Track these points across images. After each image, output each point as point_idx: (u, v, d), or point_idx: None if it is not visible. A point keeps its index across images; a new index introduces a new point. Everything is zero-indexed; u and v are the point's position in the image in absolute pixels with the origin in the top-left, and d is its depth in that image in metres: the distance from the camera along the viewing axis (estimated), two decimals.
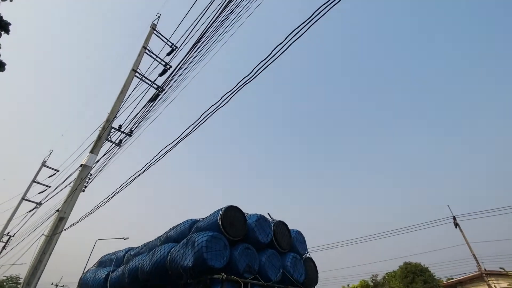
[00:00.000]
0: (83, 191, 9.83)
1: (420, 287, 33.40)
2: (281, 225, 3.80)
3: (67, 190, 9.76)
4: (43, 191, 23.44)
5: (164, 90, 8.86)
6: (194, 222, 3.81)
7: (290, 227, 4.05)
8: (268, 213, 3.95)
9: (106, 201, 5.02)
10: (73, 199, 9.32)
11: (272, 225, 3.71)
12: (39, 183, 23.83)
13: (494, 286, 25.25)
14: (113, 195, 4.61)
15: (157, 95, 8.93)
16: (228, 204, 3.45)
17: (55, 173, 24.27)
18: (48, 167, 24.97)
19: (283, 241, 3.67)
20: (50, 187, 23.30)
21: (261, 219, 3.57)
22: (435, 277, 35.86)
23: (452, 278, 30.26)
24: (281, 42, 1.98)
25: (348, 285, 36.94)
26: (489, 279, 24.91)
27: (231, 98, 2.23)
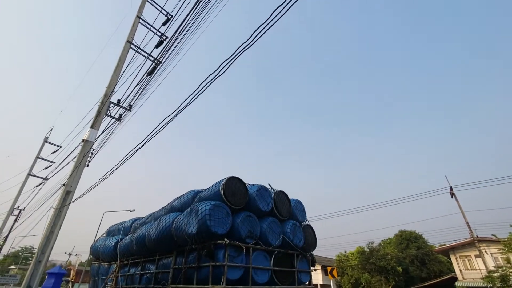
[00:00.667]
0: (87, 165, 10.00)
1: (414, 252, 35.22)
2: (281, 194, 3.90)
3: (71, 165, 9.93)
4: (48, 167, 23.88)
5: (161, 62, 8.61)
6: (197, 192, 3.92)
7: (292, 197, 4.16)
8: (269, 184, 4.03)
9: (110, 174, 5.12)
10: (78, 174, 9.51)
11: (273, 194, 3.80)
12: (43, 159, 24.19)
13: (485, 251, 26.58)
14: (116, 168, 4.69)
15: (154, 68, 8.70)
16: (230, 175, 3.51)
17: (58, 149, 24.53)
18: (50, 143, 25.18)
19: (283, 209, 3.79)
20: (54, 162, 23.67)
21: (261, 189, 3.66)
22: (428, 244, 37.66)
23: (444, 245, 31.80)
24: (281, 3, 1.86)
25: (345, 251, 38.94)
26: (480, 245, 26.15)
27: (229, 65, 2.16)
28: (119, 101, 10.56)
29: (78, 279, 28.73)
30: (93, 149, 10.08)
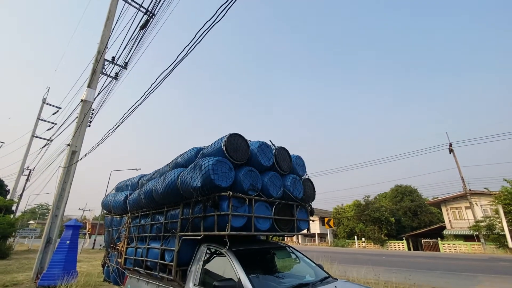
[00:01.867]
0: (89, 125, 10.07)
1: (407, 204, 37.19)
2: (282, 150, 3.96)
3: (73, 126, 10.00)
4: (50, 128, 24.04)
5: (154, 14, 8.02)
6: (199, 149, 3.99)
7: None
8: (270, 140, 4.07)
9: (112, 131, 5.17)
10: (81, 134, 9.64)
11: (274, 150, 3.86)
12: (44, 120, 24.22)
13: (475, 203, 28.00)
14: (117, 126, 4.71)
15: (147, 21, 8.13)
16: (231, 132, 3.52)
17: (57, 111, 24.40)
18: (49, 104, 24.91)
19: (283, 164, 3.89)
20: (56, 124, 23.75)
21: (263, 145, 3.71)
22: (422, 197, 39.52)
23: (437, 198, 33.41)
24: None
25: (342, 204, 41.28)
26: (471, 197, 27.45)
27: (227, 11, 1.99)
28: (113, 58, 10.15)
29: (94, 231, 31.17)
30: (93, 109, 10.03)
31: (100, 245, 24.25)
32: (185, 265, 3.43)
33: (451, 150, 28.21)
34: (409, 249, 30.69)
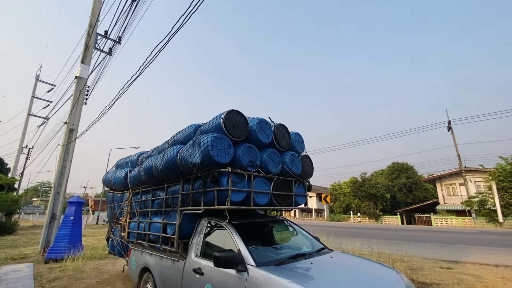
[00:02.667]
0: (85, 103, 9.92)
1: (403, 181, 37.95)
2: (281, 127, 3.95)
3: (69, 104, 9.84)
4: (46, 107, 23.68)
5: None
6: (198, 126, 3.96)
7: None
8: (269, 117, 4.04)
9: (109, 108, 5.10)
10: (77, 111, 9.52)
11: (273, 127, 3.84)
12: (39, 98, 23.79)
13: (469, 180, 28.61)
14: (114, 102, 4.64)
15: None
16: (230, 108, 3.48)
17: (52, 88, 23.90)
18: (42, 81, 24.33)
19: (282, 141, 3.89)
20: (51, 102, 23.34)
21: (262, 121, 3.68)
22: (417, 174, 40.22)
23: (432, 175, 34.07)
24: None
25: (339, 181, 42.10)
26: (466, 174, 27.99)
27: None
28: (106, 32, 9.74)
29: (97, 208, 31.97)
30: (88, 86, 9.82)
31: (104, 221, 24.97)
32: (187, 238, 3.55)
33: (449, 128, 28.29)
34: (402, 223, 31.84)
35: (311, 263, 2.79)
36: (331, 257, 3.13)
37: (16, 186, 23.17)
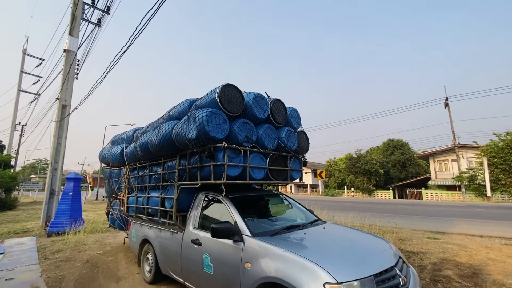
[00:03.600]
0: (76, 78, 9.62)
1: (397, 157, 38.61)
2: (278, 102, 3.90)
3: (60, 79, 9.53)
4: (36, 82, 22.97)
5: None
6: (192, 101, 3.89)
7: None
8: (266, 92, 3.97)
9: (100, 82, 4.95)
10: (68, 87, 9.26)
11: (269, 103, 3.80)
12: (28, 73, 22.98)
13: (462, 156, 29.16)
14: (105, 75, 4.50)
15: None
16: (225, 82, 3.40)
17: (41, 62, 23.01)
18: (30, 55, 23.35)
19: (279, 117, 3.87)
20: (41, 77, 22.60)
21: (258, 96, 3.63)
22: (412, 150, 40.86)
23: (426, 151, 34.63)
24: None
25: (334, 158, 42.72)
26: (459, 151, 28.48)
27: None
28: (93, 1, 9.17)
29: (96, 184, 32.36)
30: (78, 60, 9.45)
31: (103, 196, 25.38)
32: (184, 211, 3.64)
33: (446, 104, 28.28)
34: (394, 197, 32.95)
35: (305, 233, 2.91)
36: (324, 228, 3.26)
37: (12, 163, 23.11)
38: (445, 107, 28.44)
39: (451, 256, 5.00)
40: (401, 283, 2.21)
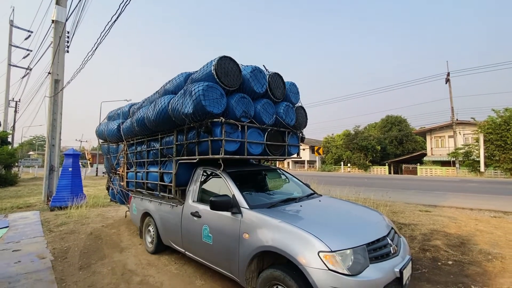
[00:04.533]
0: (67, 51, 9.26)
1: (395, 134, 38.80)
2: (276, 76, 3.81)
3: (50, 52, 9.17)
4: (26, 56, 22.16)
5: None
6: (188, 75, 3.79)
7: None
8: (263, 65, 3.86)
9: (92, 54, 4.78)
10: (60, 60, 8.94)
11: (267, 76, 3.71)
12: (17, 46, 22.08)
13: (459, 132, 29.34)
14: (96, 47, 4.33)
15: None
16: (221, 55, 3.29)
17: (29, 35, 22.03)
18: (18, 27, 22.28)
19: (277, 91, 3.80)
20: (31, 50, 21.76)
21: (256, 70, 3.53)
22: (409, 126, 40.98)
23: (424, 127, 34.74)
24: None
25: (332, 134, 42.88)
26: (456, 127, 28.59)
27: None
28: None
29: (95, 161, 32.59)
30: (68, 32, 9.04)
31: (103, 172, 25.69)
32: (183, 185, 3.70)
33: (447, 80, 27.86)
34: (389, 173, 33.60)
35: (301, 205, 2.99)
36: (320, 201, 3.35)
37: (9, 140, 23.00)
38: (446, 83, 28.05)
39: (440, 227, 5.21)
40: (392, 252, 2.32)
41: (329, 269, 1.94)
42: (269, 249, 2.30)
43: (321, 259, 1.98)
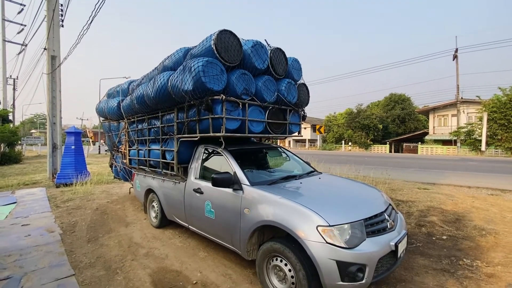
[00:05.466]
0: (62, 26, 8.95)
1: (397, 112, 38.43)
2: (278, 52, 3.69)
3: (45, 27, 8.87)
4: (20, 31, 21.49)
5: None
6: (187, 50, 3.68)
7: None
8: (265, 39, 3.73)
9: (87, 28, 4.62)
10: (55, 35, 8.68)
11: (269, 52, 3.59)
12: (10, 21, 21.35)
13: (463, 111, 29.01)
14: (91, 20, 4.18)
15: None
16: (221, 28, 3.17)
17: (22, 9, 21.21)
18: (10, 0, 21.40)
19: (279, 68, 3.70)
20: (25, 25, 21.08)
21: (257, 45, 3.41)
22: (413, 105, 40.47)
23: (428, 106, 34.29)
24: None
25: (334, 113, 42.52)
26: (461, 106, 28.20)
27: None
28: None
29: (96, 139, 32.78)
30: (61, 5, 8.68)
31: (106, 150, 25.92)
32: (185, 163, 3.74)
33: (455, 57, 26.99)
34: (390, 152, 33.75)
35: (301, 183, 3.04)
36: (319, 178, 3.40)
37: (10, 118, 22.99)
38: (454, 59, 27.21)
39: (437, 204, 5.33)
40: (389, 227, 2.39)
41: (327, 242, 2.02)
42: (270, 224, 2.38)
43: (319, 233, 2.05)
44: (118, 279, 2.86)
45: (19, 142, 21.81)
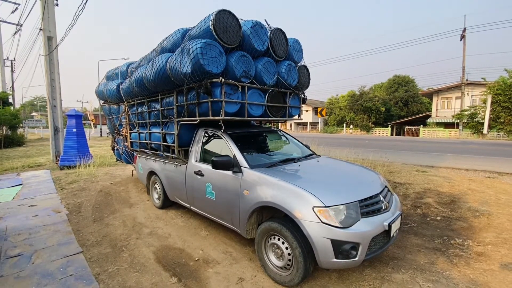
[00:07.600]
0: (57, 5, 8.70)
1: (400, 95, 37.88)
2: (279, 32, 3.61)
3: (39, 6, 8.61)
4: (14, 10, 20.90)
5: None
6: (186, 31, 3.61)
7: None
8: (265, 20, 3.64)
9: (82, 8, 4.50)
10: (50, 15, 8.46)
11: (269, 32, 3.52)
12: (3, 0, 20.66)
13: (467, 93, 28.55)
14: (86, 1, 4.05)
15: None
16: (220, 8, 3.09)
17: None
18: None
19: (279, 49, 3.64)
20: (19, 4, 20.48)
21: (257, 25, 3.33)
22: (417, 87, 39.77)
23: (432, 88, 33.71)
24: None
25: (336, 95, 41.99)
26: (465, 88, 27.71)
27: None
28: None
29: (98, 122, 32.79)
30: None
31: (107, 133, 26.03)
32: (186, 146, 3.79)
33: (463, 37, 26.15)
34: (392, 135, 33.65)
35: (299, 165, 3.10)
36: (318, 161, 3.46)
37: (11, 101, 22.89)
38: (461, 40, 26.39)
39: (434, 186, 5.42)
40: (384, 208, 2.47)
41: (322, 222, 2.10)
42: (268, 204, 2.46)
43: (316, 214, 2.13)
44: (124, 256, 3.00)
45: (21, 125, 21.88)
